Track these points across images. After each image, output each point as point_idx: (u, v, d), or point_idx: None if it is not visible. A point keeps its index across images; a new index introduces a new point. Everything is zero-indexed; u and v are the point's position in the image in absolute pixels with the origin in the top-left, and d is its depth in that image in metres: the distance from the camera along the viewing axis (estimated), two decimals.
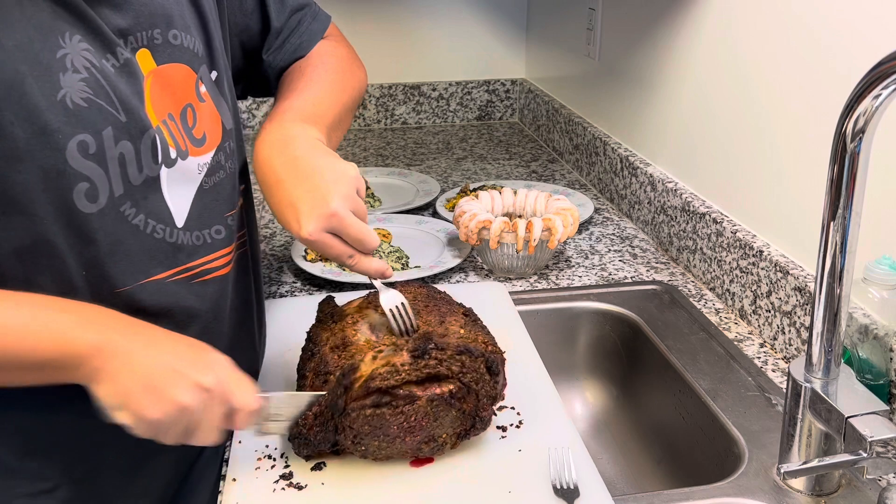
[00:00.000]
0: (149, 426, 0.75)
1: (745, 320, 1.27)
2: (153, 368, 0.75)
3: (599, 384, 1.35)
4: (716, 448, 1.05)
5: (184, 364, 0.77)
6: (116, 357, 0.75)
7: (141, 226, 0.84)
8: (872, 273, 0.98)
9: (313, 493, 0.86)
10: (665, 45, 1.53)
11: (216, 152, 0.92)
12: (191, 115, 0.89)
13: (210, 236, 0.92)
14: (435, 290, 1.00)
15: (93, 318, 0.77)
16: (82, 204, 0.79)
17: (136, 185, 0.83)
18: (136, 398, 0.74)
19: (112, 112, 0.80)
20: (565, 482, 0.86)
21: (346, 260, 0.88)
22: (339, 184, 0.87)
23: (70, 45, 0.77)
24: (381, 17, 2.34)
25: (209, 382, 0.76)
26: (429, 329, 0.91)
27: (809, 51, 1.13)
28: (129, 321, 0.79)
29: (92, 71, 0.78)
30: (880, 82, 0.72)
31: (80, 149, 0.77)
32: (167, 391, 0.75)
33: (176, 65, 0.87)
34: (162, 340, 0.79)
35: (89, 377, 0.75)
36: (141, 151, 0.82)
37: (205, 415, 0.77)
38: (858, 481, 0.91)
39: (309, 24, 1.10)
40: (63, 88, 0.76)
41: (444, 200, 1.73)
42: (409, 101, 2.42)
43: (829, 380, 0.86)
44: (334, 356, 0.90)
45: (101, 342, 0.75)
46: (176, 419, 0.76)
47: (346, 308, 0.99)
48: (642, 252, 1.52)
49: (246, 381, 0.82)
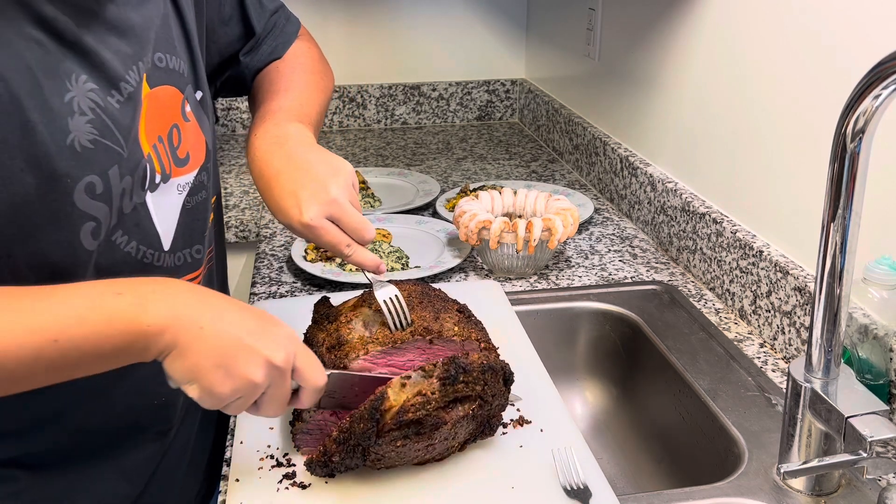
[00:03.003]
0: (217, 400, 0.74)
1: (745, 320, 1.27)
2: (223, 343, 0.73)
3: (599, 384, 1.35)
4: (716, 448, 1.05)
5: (254, 339, 0.75)
6: (185, 332, 0.72)
7: (133, 252, 0.85)
8: (872, 273, 0.98)
9: (317, 491, 0.86)
10: (665, 45, 1.53)
11: (199, 172, 0.93)
12: (176, 135, 0.89)
13: (191, 255, 0.93)
14: (429, 288, 1.01)
15: (156, 294, 0.74)
16: (88, 242, 0.79)
17: (128, 213, 0.83)
18: (207, 374, 0.73)
19: (116, 150, 0.80)
20: (575, 483, 0.86)
21: (343, 249, 0.89)
22: (337, 176, 0.90)
23: (76, 87, 0.76)
24: (382, 18, 2.34)
25: (279, 359, 0.75)
26: (423, 324, 0.92)
27: (809, 51, 1.13)
28: (197, 291, 0.77)
29: (97, 111, 0.78)
30: (880, 82, 0.72)
31: (88, 190, 0.77)
32: (238, 367, 0.73)
33: (165, 87, 0.88)
34: (231, 312, 0.76)
35: (160, 354, 0.73)
36: (136, 181, 0.83)
37: (272, 390, 0.76)
38: (858, 481, 0.91)
39: (283, 27, 1.14)
40: (72, 133, 0.76)
41: (444, 200, 1.73)
42: (409, 101, 2.42)
43: (829, 380, 0.86)
44: (331, 356, 0.91)
45: (166, 320, 0.72)
46: (245, 394, 0.75)
47: (340, 308, 0.99)
48: (642, 252, 1.52)
49: (314, 358, 0.81)
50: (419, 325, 0.92)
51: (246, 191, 1.87)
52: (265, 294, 1.37)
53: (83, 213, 0.77)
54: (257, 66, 1.12)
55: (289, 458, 0.91)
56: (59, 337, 0.69)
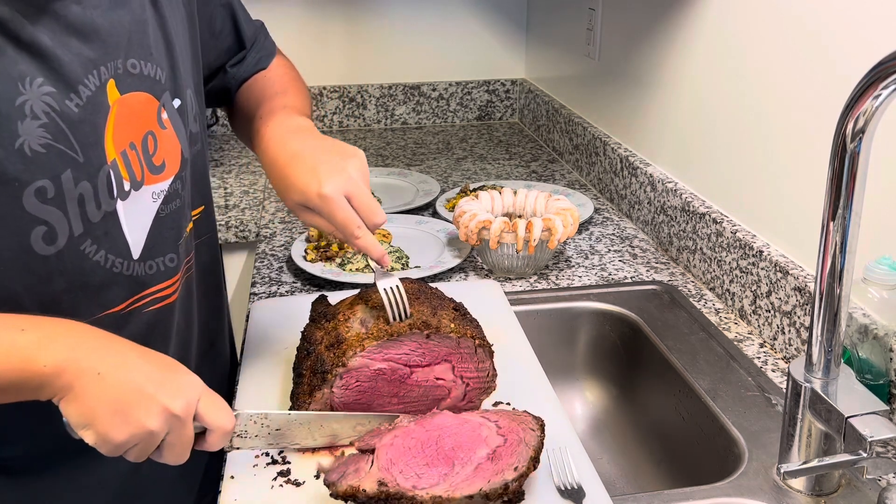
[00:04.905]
0: (114, 447, 0.74)
1: (745, 320, 1.27)
2: (121, 390, 0.73)
3: (599, 384, 1.35)
4: (716, 448, 1.05)
5: (153, 386, 0.74)
6: (82, 376, 0.72)
7: (101, 261, 0.84)
8: (872, 273, 0.98)
9: (312, 488, 0.87)
10: (665, 45, 1.53)
11: (174, 180, 0.92)
12: (151, 142, 0.89)
13: (164, 264, 0.92)
14: (426, 286, 1.01)
15: (58, 335, 0.74)
16: (39, 247, 0.78)
17: (96, 223, 0.82)
18: (103, 419, 0.72)
19: (71, 154, 0.79)
20: (569, 483, 0.86)
21: (353, 230, 0.89)
22: (353, 158, 0.93)
23: (30, 91, 0.75)
24: (382, 18, 2.34)
25: (178, 407, 0.75)
26: (422, 318, 0.92)
27: (809, 51, 1.13)
28: (100, 336, 0.77)
29: (52, 115, 0.77)
30: (880, 82, 0.72)
31: (38, 194, 0.76)
32: (134, 414, 0.73)
33: (138, 93, 0.87)
34: (132, 359, 0.76)
35: (55, 395, 0.73)
36: (98, 188, 0.82)
37: (171, 437, 0.76)
38: (858, 481, 0.91)
39: (264, 40, 1.18)
40: (21, 136, 0.75)
41: (444, 200, 1.73)
42: (409, 101, 2.42)
43: (829, 380, 0.86)
44: (330, 354, 0.92)
45: (65, 362, 0.72)
46: (142, 441, 0.75)
47: (338, 306, 1.00)
48: (642, 252, 1.52)
49: (219, 402, 0.80)
50: (418, 319, 0.92)
51: (246, 191, 1.87)
52: (265, 294, 1.37)
53: (33, 217, 0.77)
54: (243, 77, 1.14)
55: (283, 456, 0.91)
56: None
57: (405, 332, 0.91)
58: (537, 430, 0.86)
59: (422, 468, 0.82)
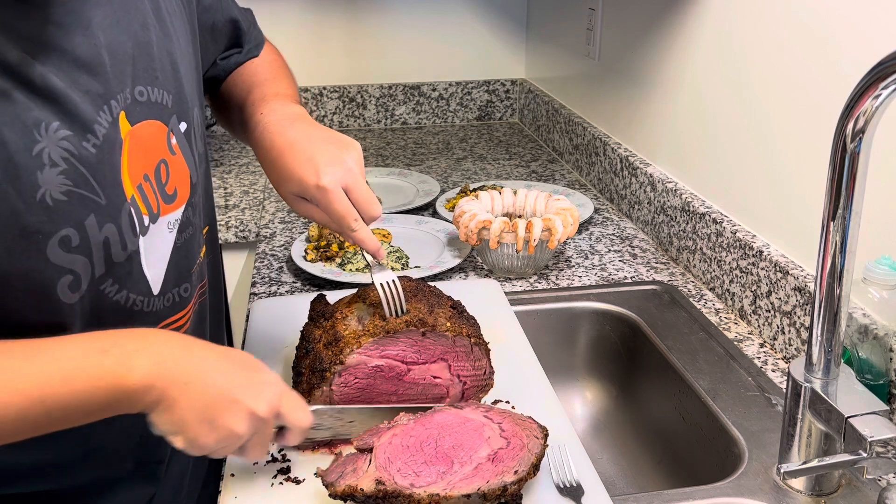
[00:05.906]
0: (201, 450, 0.76)
1: (745, 320, 1.27)
2: (208, 398, 0.74)
3: (599, 384, 1.35)
4: (716, 448, 1.05)
5: (238, 390, 0.76)
6: (171, 387, 0.73)
7: (122, 301, 0.81)
8: (872, 273, 0.98)
9: (312, 486, 0.87)
10: (665, 45, 1.53)
11: (186, 207, 0.89)
12: (164, 170, 0.86)
13: (178, 295, 0.90)
14: (424, 284, 1.01)
15: (139, 351, 0.73)
16: (66, 297, 0.75)
17: (120, 262, 0.79)
18: (192, 426, 0.74)
19: (92, 198, 0.75)
20: (568, 481, 0.87)
21: (350, 222, 0.88)
22: (350, 149, 0.92)
23: (47, 137, 0.71)
24: (382, 18, 2.34)
25: (262, 410, 0.77)
26: (419, 315, 0.92)
27: (809, 51, 1.13)
28: (179, 343, 0.76)
29: (71, 160, 0.73)
30: (880, 82, 0.72)
31: (63, 244, 0.73)
32: (222, 420, 0.75)
33: (148, 122, 0.83)
34: (213, 363, 0.77)
35: (146, 409, 0.74)
36: (122, 228, 0.79)
37: (256, 437, 0.78)
38: (858, 481, 0.91)
39: (254, 30, 1.15)
40: (42, 187, 0.71)
41: (444, 200, 1.73)
42: (409, 101, 2.42)
43: (829, 380, 0.86)
44: (328, 353, 0.92)
45: (152, 378, 0.72)
46: (229, 444, 0.77)
47: (336, 305, 1.00)
48: (642, 252, 1.52)
49: (297, 400, 0.82)
50: (414, 316, 0.92)
51: (246, 191, 1.87)
52: (265, 294, 1.37)
53: (59, 268, 0.73)
54: (233, 66, 1.11)
55: (284, 454, 0.92)
56: (45, 398, 0.69)
57: (401, 329, 0.91)
58: (541, 439, 0.86)
59: (420, 466, 0.82)
